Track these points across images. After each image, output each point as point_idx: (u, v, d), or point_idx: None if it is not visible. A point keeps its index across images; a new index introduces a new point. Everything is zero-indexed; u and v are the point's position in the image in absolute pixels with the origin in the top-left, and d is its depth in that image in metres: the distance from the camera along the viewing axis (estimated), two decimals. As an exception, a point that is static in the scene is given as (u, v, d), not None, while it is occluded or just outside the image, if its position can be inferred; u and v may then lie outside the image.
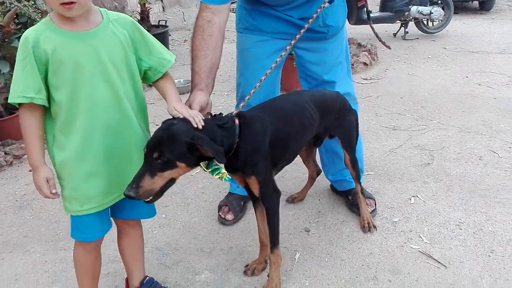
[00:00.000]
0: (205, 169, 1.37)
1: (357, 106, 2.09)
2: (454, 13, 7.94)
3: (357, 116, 1.92)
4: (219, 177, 1.37)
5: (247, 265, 1.75)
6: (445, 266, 1.73)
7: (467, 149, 2.68)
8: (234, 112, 1.49)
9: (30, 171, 2.67)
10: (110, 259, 1.82)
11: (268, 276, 1.63)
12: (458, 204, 2.11)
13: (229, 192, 2.19)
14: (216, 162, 1.34)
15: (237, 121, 1.42)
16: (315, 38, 1.85)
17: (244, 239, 1.95)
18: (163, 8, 7.35)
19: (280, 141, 1.53)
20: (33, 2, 3.08)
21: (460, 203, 2.12)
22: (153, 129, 1.39)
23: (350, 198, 2.12)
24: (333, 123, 1.80)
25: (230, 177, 1.43)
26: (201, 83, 1.53)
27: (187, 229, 2.05)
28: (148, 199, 1.26)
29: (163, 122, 1.34)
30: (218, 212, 2.10)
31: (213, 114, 1.47)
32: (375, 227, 1.96)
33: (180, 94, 1.44)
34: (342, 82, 2.00)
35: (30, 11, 3.05)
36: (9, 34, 2.79)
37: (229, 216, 2.07)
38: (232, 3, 1.74)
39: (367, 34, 6.00)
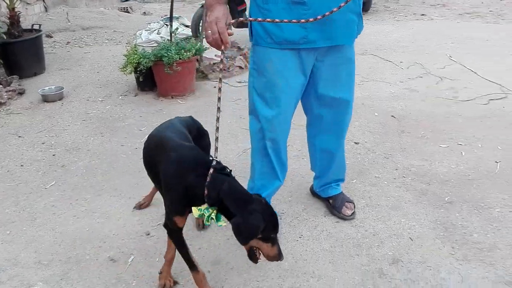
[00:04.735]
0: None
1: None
2: (335, 14, 8.54)
3: (208, 136, 2.14)
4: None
5: None
6: (259, 253, 2.01)
7: (306, 147, 3.04)
8: None
9: None
10: None
11: None
12: (285, 197, 2.44)
13: None
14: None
15: None
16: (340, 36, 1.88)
17: (83, 249, 2.06)
18: (46, 8, 6.99)
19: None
20: None
21: (288, 196, 2.45)
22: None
23: (331, 202, 2.31)
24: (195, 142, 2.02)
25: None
26: None
27: (29, 244, 2.11)
28: None
29: None
30: None
31: None
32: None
33: (50, 101, 1.50)
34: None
35: None
36: None
37: None
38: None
39: (247, 38, 6.33)
